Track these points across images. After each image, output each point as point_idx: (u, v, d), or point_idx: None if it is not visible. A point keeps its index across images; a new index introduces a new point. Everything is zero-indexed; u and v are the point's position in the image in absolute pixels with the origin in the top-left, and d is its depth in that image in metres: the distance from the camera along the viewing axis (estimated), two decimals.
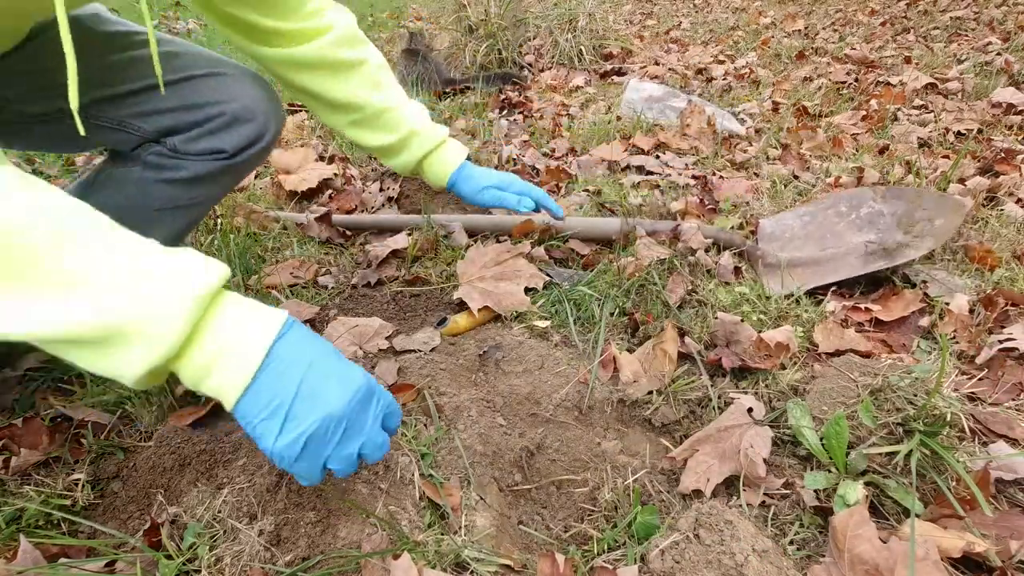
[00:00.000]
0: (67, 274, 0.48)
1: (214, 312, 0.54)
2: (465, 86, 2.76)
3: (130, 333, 0.49)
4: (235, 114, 0.94)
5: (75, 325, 0.47)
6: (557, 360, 0.97)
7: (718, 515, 0.66)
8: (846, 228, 1.28)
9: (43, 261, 0.47)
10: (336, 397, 0.55)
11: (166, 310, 0.50)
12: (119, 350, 0.50)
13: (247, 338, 0.54)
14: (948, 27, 3.42)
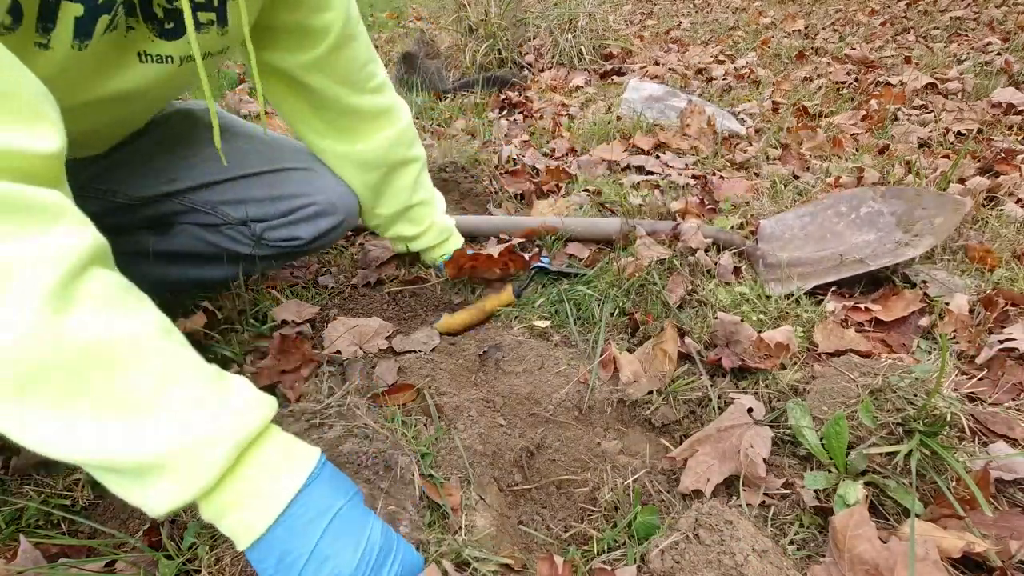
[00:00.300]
0: (118, 404, 0.47)
1: (249, 455, 0.53)
2: (462, 89, 2.76)
3: (166, 470, 0.49)
4: (320, 208, 1.02)
5: (115, 455, 0.47)
6: (557, 360, 0.97)
7: (718, 515, 0.66)
8: (846, 228, 1.28)
9: (102, 387, 0.47)
10: (348, 561, 0.53)
11: (205, 456, 0.50)
12: (151, 484, 0.49)
13: (272, 488, 0.53)
14: (948, 27, 3.42)
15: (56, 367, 0.44)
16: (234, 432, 0.51)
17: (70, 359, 0.45)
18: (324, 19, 0.88)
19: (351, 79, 0.97)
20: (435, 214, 1.19)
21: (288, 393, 0.87)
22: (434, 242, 1.20)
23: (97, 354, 0.46)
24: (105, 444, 0.47)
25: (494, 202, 1.63)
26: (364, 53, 0.99)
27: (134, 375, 0.48)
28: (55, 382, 0.45)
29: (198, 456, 0.49)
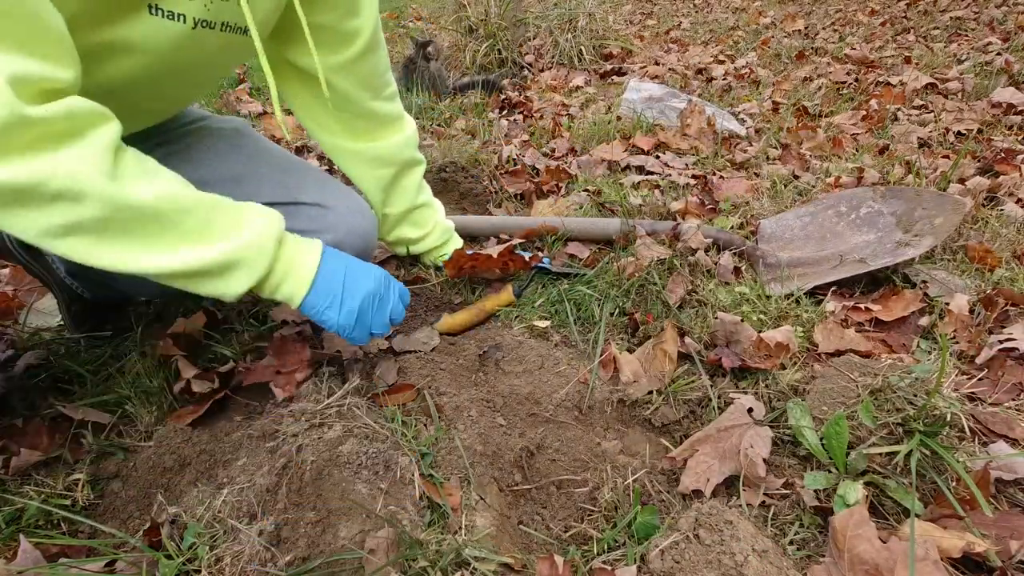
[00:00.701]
0: (190, 231, 0.68)
1: (282, 246, 0.77)
2: (459, 91, 2.75)
3: (239, 263, 0.71)
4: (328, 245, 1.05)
5: (205, 261, 0.68)
6: (557, 360, 0.97)
7: (718, 515, 0.66)
8: (846, 228, 1.28)
9: (174, 224, 0.66)
10: (368, 282, 0.82)
11: (261, 247, 0.73)
12: (229, 277, 0.71)
13: (303, 259, 0.78)
14: (948, 27, 3.42)
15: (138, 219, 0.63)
16: (270, 228, 0.75)
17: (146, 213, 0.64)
18: (355, 24, 0.91)
19: (372, 84, 1.00)
20: (437, 216, 1.21)
21: (278, 392, 0.87)
22: (436, 243, 1.21)
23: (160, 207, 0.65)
24: (197, 256, 0.67)
25: (494, 202, 1.63)
26: (384, 61, 1.02)
27: (189, 214, 0.68)
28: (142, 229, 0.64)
29: (257, 249, 0.73)
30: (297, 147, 2.03)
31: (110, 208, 0.60)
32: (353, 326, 0.80)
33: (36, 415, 0.87)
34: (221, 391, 0.91)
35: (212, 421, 0.88)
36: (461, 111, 2.51)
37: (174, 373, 0.94)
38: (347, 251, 1.07)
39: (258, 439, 0.80)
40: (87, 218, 0.59)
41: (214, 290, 0.71)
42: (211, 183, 0.95)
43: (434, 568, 0.63)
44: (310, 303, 0.78)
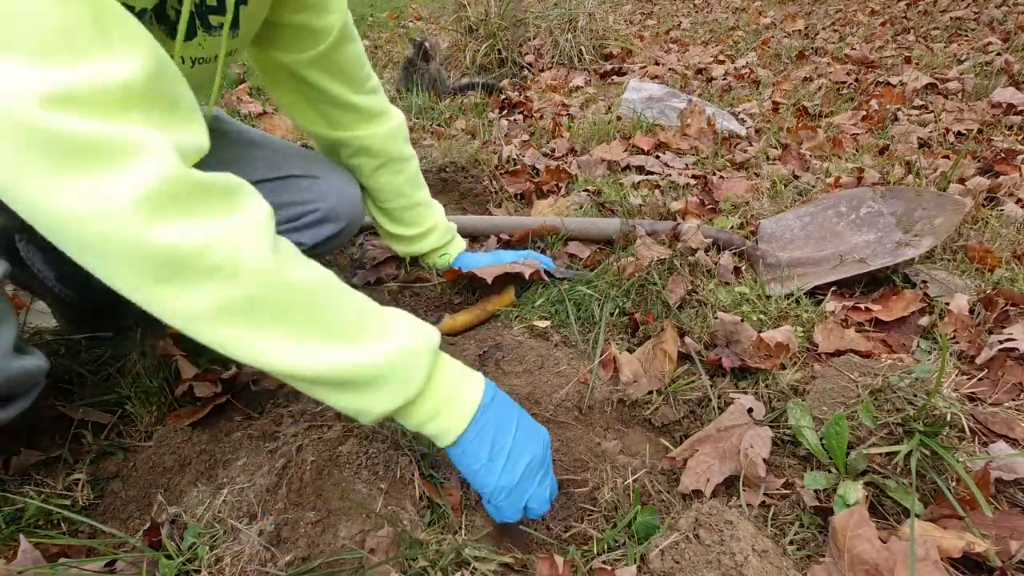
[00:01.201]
0: (342, 328, 0.60)
1: (439, 366, 0.66)
2: (458, 92, 2.76)
3: (389, 379, 0.61)
4: (324, 214, 1.06)
5: (351, 367, 0.59)
6: (557, 360, 0.97)
7: (718, 515, 0.66)
8: (846, 228, 1.28)
9: (326, 316, 0.59)
10: (538, 446, 0.69)
11: (414, 363, 0.62)
12: (373, 393, 0.61)
13: (464, 388, 0.67)
14: (948, 27, 3.42)
15: (290, 303, 0.56)
16: (427, 343, 0.65)
17: (298, 296, 0.57)
18: (326, 20, 0.91)
19: (350, 77, 0.99)
20: (436, 217, 1.20)
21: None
22: (437, 244, 1.20)
23: (314, 291, 0.59)
24: (334, 361, 0.58)
25: (494, 202, 1.63)
26: (362, 56, 1.01)
27: (341, 307, 0.61)
28: (291, 315, 0.56)
29: (410, 365, 0.62)
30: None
31: (267, 287, 0.55)
32: (511, 491, 0.66)
33: (36, 415, 0.87)
34: (223, 396, 0.91)
35: (212, 421, 0.88)
36: (461, 111, 2.51)
37: (174, 373, 0.94)
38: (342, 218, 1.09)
39: (258, 439, 0.80)
40: (240, 296, 0.53)
41: (354, 405, 0.61)
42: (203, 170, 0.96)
43: (434, 568, 0.63)
44: (468, 448, 0.65)
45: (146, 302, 0.53)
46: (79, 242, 0.50)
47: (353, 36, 0.98)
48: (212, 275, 0.52)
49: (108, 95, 0.49)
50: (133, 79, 0.50)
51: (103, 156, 0.48)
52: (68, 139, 0.47)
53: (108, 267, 0.51)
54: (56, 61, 0.47)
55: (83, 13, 0.48)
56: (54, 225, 0.49)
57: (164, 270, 0.51)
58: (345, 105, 1.01)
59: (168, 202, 0.50)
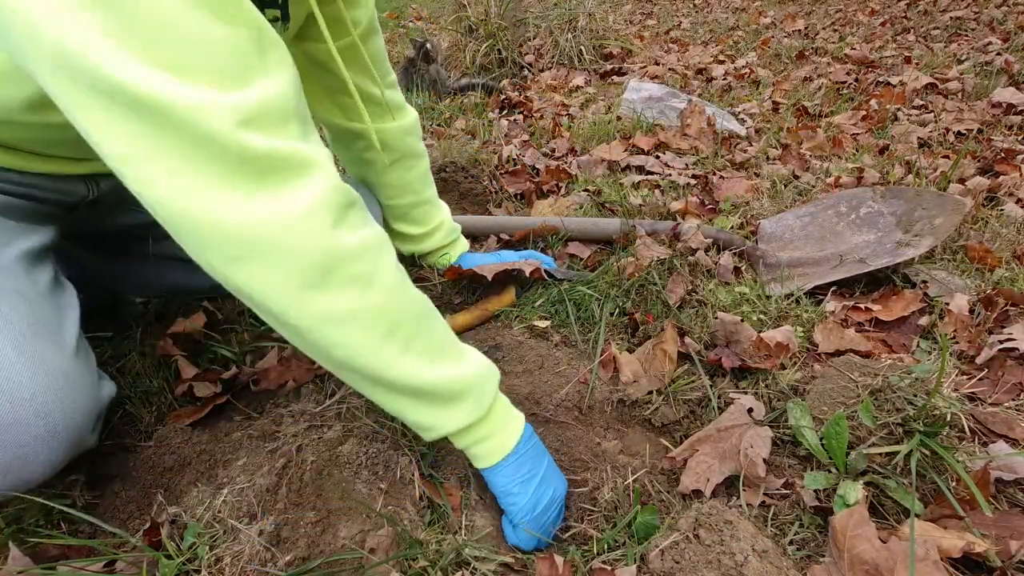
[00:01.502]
0: (440, 345, 0.66)
1: (499, 396, 0.73)
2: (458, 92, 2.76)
3: (467, 397, 0.67)
4: None
5: (444, 380, 0.64)
6: (557, 360, 0.97)
7: (718, 515, 0.66)
8: (846, 228, 1.28)
9: (430, 333, 0.65)
10: (561, 484, 0.76)
11: (488, 386, 0.70)
12: (449, 408, 0.66)
13: (512, 419, 0.73)
14: (948, 27, 3.42)
15: (407, 317, 0.62)
16: (494, 371, 0.72)
17: (413, 312, 0.63)
18: (356, 12, 0.93)
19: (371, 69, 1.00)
20: (443, 215, 1.20)
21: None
22: (440, 244, 1.20)
23: (423, 309, 0.65)
24: (433, 374, 0.63)
25: (494, 202, 1.63)
26: (384, 50, 1.03)
27: (438, 326, 0.67)
28: (406, 328, 0.62)
29: (485, 386, 0.69)
30: None
31: (393, 299, 0.60)
32: (537, 514, 0.71)
33: None
34: (223, 396, 0.91)
35: (212, 421, 0.88)
36: (461, 111, 2.51)
37: (174, 373, 0.94)
38: None
39: (258, 439, 0.80)
40: (372, 305, 0.58)
41: (430, 419, 0.66)
42: None
43: (434, 568, 0.63)
44: (507, 470, 0.71)
45: (283, 305, 0.56)
46: (246, 250, 0.53)
47: (378, 29, 1.00)
48: (354, 282, 0.57)
49: (275, 112, 0.53)
50: (288, 96, 0.55)
51: (285, 171, 0.53)
52: (259, 155, 0.51)
53: (262, 272, 0.54)
54: (235, 83, 0.50)
55: (248, 36, 0.51)
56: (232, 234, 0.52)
57: (317, 274, 0.55)
58: (366, 97, 1.02)
59: (337, 210, 0.56)
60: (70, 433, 0.61)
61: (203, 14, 0.47)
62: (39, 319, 0.63)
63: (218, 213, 0.51)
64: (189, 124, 0.47)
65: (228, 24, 0.49)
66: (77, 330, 0.69)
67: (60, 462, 0.62)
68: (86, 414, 0.64)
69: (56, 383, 0.60)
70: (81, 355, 0.67)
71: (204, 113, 0.48)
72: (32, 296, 0.64)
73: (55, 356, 0.62)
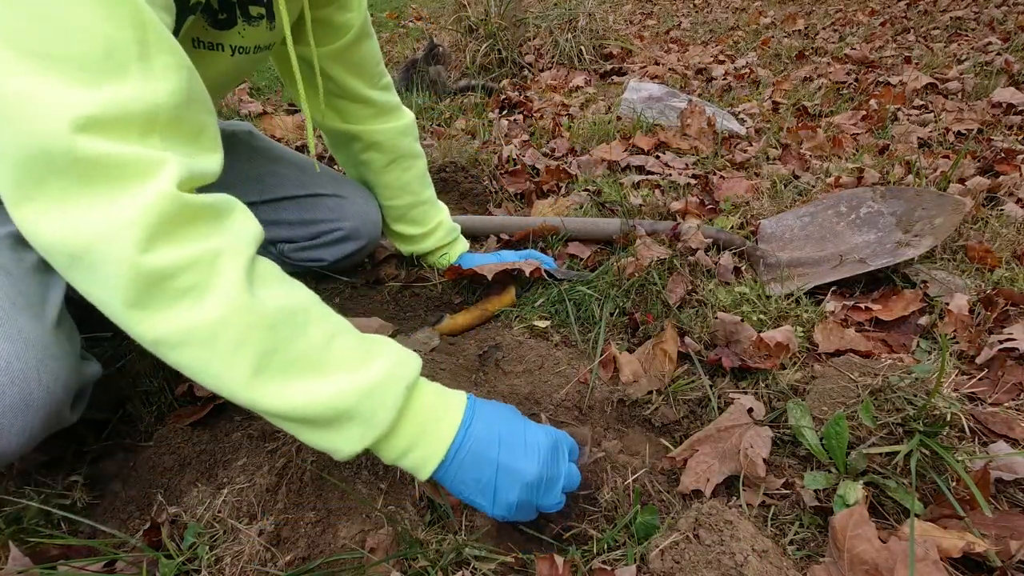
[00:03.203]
0: (308, 361, 0.56)
1: (413, 399, 0.62)
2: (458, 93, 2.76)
3: (354, 417, 0.57)
4: (347, 233, 1.11)
5: (312, 404, 0.55)
6: (557, 360, 0.97)
7: (718, 515, 0.66)
8: (846, 228, 1.28)
9: (292, 347, 0.56)
10: (530, 467, 0.63)
11: (383, 400, 0.58)
12: (341, 431, 0.57)
13: (441, 419, 0.63)
14: (948, 27, 3.42)
15: (255, 329, 0.53)
16: (403, 380, 0.60)
17: (265, 322, 0.54)
18: (346, 17, 0.94)
19: (367, 72, 1.03)
20: (441, 216, 1.21)
21: None
22: (440, 244, 1.21)
23: (284, 319, 0.55)
24: (297, 396, 0.55)
25: (494, 202, 1.63)
26: (378, 52, 1.04)
27: (311, 334, 0.57)
28: (255, 343, 0.53)
29: (379, 402, 0.58)
30: (297, 146, 2.03)
31: (232, 314, 0.52)
32: (514, 513, 0.64)
33: None
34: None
35: (212, 421, 0.88)
36: (461, 111, 2.51)
37: (174, 373, 0.94)
38: (363, 237, 1.14)
39: (258, 439, 0.80)
40: (205, 322, 0.51)
41: (323, 444, 0.58)
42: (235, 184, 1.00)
43: (434, 568, 0.63)
44: (451, 481, 0.62)
45: (118, 322, 0.52)
46: (68, 260, 0.50)
47: (371, 33, 1.01)
48: (182, 297, 0.51)
49: (135, 120, 0.49)
50: (164, 104, 0.51)
51: (115, 179, 0.49)
52: (90, 161, 0.47)
53: (89, 287, 0.51)
54: (94, 80, 0.47)
55: (129, 31, 0.48)
56: (48, 243, 0.49)
57: (138, 292, 0.50)
58: (360, 99, 1.03)
59: (166, 222, 0.50)
60: (47, 404, 0.59)
61: (86, 5, 0.46)
62: (21, 292, 0.62)
63: (44, 217, 0.48)
64: (17, 117, 0.45)
65: (107, 20, 0.47)
66: (60, 306, 0.66)
67: (36, 434, 0.59)
68: (65, 387, 0.62)
69: (33, 352, 0.58)
70: (63, 330, 0.65)
71: (35, 108, 0.45)
72: (16, 272, 0.63)
73: (34, 327, 0.60)
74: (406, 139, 1.11)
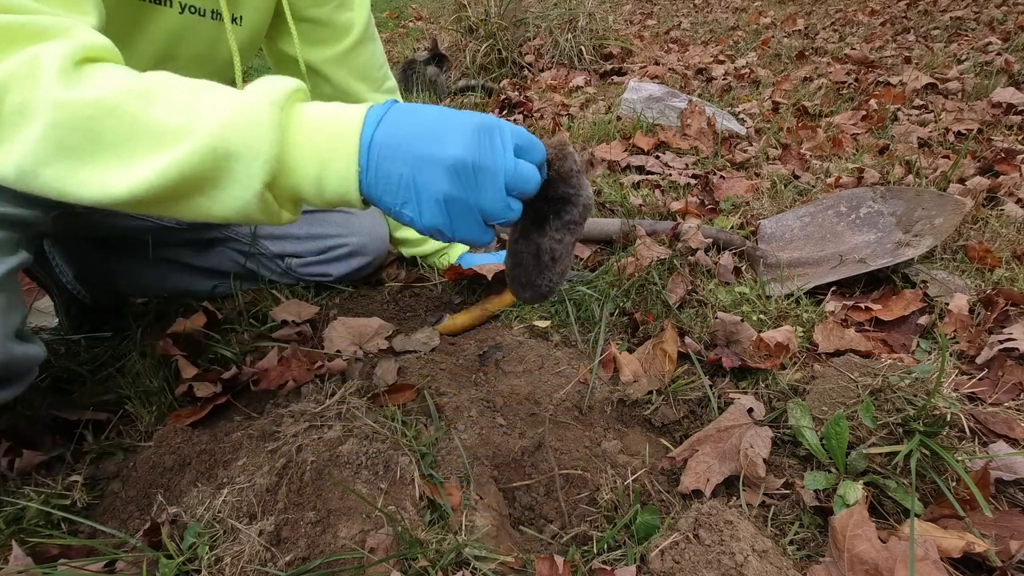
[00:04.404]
0: (160, 128, 0.50)
1: (295, 114, 0.54)
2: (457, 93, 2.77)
3: (231, 154, 0.50)
4: (354, 248, 1.11)
5: (185, 162, 0.49)
6: (557, 360, 0.97)
7: (718, 515, 0.66)
8: (846, 228, 1.28)
9: (138, 123, 0.50)
10: (453, 144, 0.51)
11: (254, 118, 0.50)
12: (230, 178, 0.51)
13: (343, 135, 0.53)
14: (948, 27, 3.42)
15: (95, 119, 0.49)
16: (269, 94, 0.52)
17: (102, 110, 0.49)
18: (347, 17, 0.93)
19: (369, 76, 1.02)
20: None
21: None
22: (442, 244, 1.21)
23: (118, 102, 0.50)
24: (171, 161, 0.49)
25: None
26: (380, 55, 1.04)
27: (153, 108, 0.51)
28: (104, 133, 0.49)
29: (250, 123, 0.50)
30: None
31: (63, 112, 0.49)
32: (451, 225, 0.54)
33: (37, 416, 0.87)
34: (223, 396, 0.91)
35: (212, 421, 0.88)
36: None
37: (174, 373, 0.94)
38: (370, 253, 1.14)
39: (258, 439, 0.80)
40: (42, 132, 0.49)
41: (222, 206, 0.52)
42: None
43: (435, 567, 0.63)
44: (378, 194, 0.53)
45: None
46: None
47: (374, 36, 1.00)
48: (16, 120, 0.49)
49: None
50: None
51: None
52: None
53: None
54: None
55: None
56: None
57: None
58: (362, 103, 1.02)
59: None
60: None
61: None
62: None
63: None
64: None
65: None
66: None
67: None
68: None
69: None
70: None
71: None
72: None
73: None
74: None
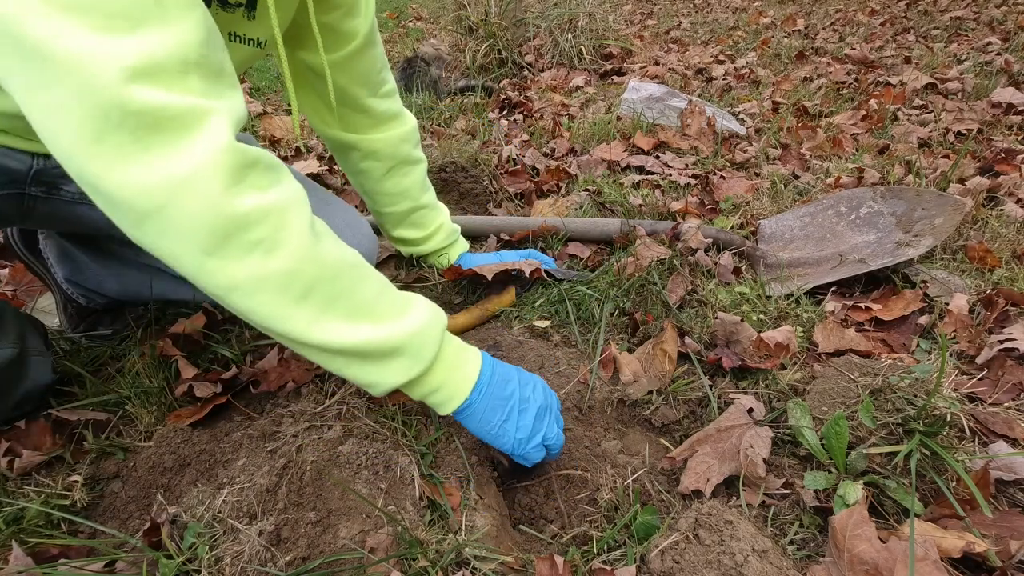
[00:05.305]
0: (366, 306, 0.65)
1: (446, 342, 0.73)
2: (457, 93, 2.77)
3: (404, 352, 0.67)
4: None
5: (371, 340, 0.64)
6: (557, 360, 0.97)
7: (718, 515, 0.66)
8: (846, 228, 1.28)
9: (353, 294, 0.64)
10: (539, 395, 0.78)
11: (426, 340, 0.69)
12: (390, 364, 0.67)
13: (466, 361, 0.74)
14: (948, 27, 3.42)
15: (321, 279, 0.60)
16: (438, 322, 0.72)
17: (329, 273, 0.61)
18: (353, 23, 0.93)
19: (369, 81, 1.01)
20: (441, 218, 1.21)
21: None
22: (440, 246, 1.21)
23: (343, 270, 0.63)
24: (359, 335, 0.63)
25: (494, 202, 1.63)
26: (381, 59, 1.03)
27: (366, 287, 0.66)
28: (322, 291, 0.60)
29: (424, 339, 0.68)
30: (296, 148, 2.03)
31: (303, 263, 0.58)
32: (529, 440, 0.74)
33: (38, 416, 0.87)
34: (223, 396, 0.91)
35: (212, 421, 0.88)
36: (461, 111, 2.51)
37: (174, 373, 0.94)
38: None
39: (258, 439, 0.80)
40: (279, 270, 0.56)
41: (367, 377, 0.67)
42: None
43: (435, 567, 0.63)
44: (478, 412, 0.73)
45: (192, 273, 0.55)
46: (141, 214, 0.51)
47: (376, 40, 1.00)
48: (255, 248, 0.55)
49: (172, 63, 0.49)
50: (188, 45, 0.51)
51: (172, 129, 0.49)
52: (145, 112, 0.48)
53: (162, 239, 0.53)
54: (128, 28, 0.47)
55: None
56: (121, 198, 0.50)
57: (214, 241, 0.52)
58: (360, 109, 1.02)
59: (230, 172, 0.52)
60: None
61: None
62: None
63: (107, 175, 0.48)
64: (73, 74, 0.45)
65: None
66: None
67: None
68: None
69: None
70: None
71: (89, 62, 0.45)
72: None
73: None
74: (405, 146, 1.10)
